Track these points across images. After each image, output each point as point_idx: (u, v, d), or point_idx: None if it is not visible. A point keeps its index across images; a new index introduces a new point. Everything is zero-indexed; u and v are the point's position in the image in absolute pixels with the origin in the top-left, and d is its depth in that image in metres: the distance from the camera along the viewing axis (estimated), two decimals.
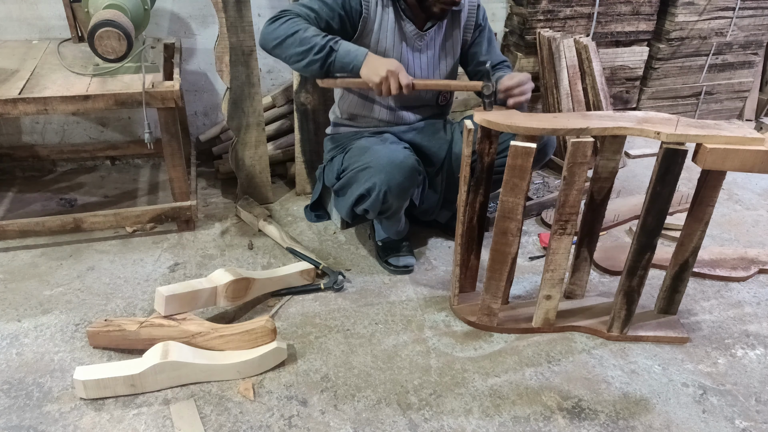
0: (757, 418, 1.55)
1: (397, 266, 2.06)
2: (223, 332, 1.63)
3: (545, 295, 1.76)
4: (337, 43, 1.70)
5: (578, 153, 1.51)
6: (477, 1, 1.99)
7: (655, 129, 1.49)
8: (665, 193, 1.54)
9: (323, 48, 1.68)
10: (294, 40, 1.69)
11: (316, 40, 1.68)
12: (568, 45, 2.73)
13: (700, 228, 1.64)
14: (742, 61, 3.32)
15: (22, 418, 1.47)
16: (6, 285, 1.94)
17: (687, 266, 1.72)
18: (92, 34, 1.82)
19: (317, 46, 1.67)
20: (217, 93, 2.73)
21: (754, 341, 1.82)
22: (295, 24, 1.70)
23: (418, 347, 1.75)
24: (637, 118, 1.57)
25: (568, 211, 1.60)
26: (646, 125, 1.52)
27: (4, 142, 2.58)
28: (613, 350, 1.76)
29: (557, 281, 1.72)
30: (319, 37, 1.68)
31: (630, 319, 1.76)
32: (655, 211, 1.58)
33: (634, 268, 1.67)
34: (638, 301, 1.74)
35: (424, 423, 1.50)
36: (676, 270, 1.74)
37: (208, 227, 2.31)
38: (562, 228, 1.63)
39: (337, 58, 1.69)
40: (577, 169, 1.54)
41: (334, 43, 1.69)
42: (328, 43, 1.68)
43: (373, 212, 1.89)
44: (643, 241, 1.63)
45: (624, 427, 1.51)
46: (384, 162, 1.78)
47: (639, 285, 1.69)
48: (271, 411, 1.52)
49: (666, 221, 2.27)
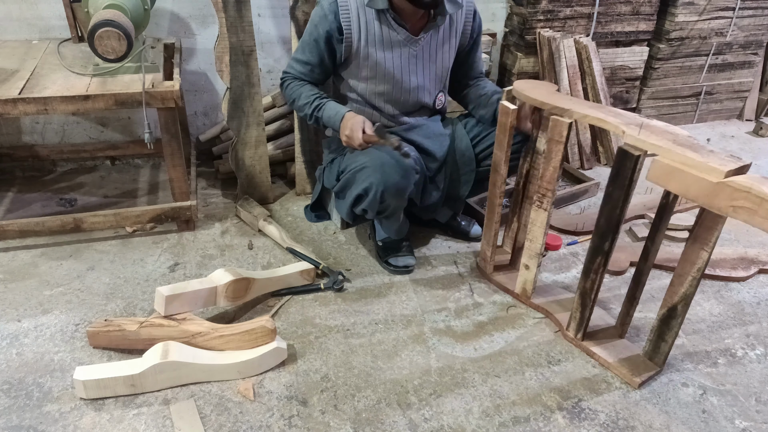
0: (757, 418, 1.55)
1: (397, 266, 2.07)
2: (223, 332, 1.63)
3: (524, 264, 1.88)
4: (321, 110, 1.93)
5: (555, 131, 1.62)
6: (473, 7, 1.99)
7: (623, 128, 1.45)
8: (616, 196, 1.50)
9: (312, 116, 1.96)
10: (295, 107, 2.02)
11: (306, 110, 1.96)
12: (568, 45, 2.73)
13: (692, 273, 1.46)
14: (742, 61, 3.32)
15: (22, 418, 1.47)
16: (6, 285, 1.94)
17: (675, 314, 1.54)
18: (92, 34, 1.82)
19: (308, 115, 1.96)
20: (217, 93, 2.73)
21: (754, 341, 1.82)
22: (292, 91, 1.99)
23: (418, 347, 1.75)
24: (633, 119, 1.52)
25: (545, 186, 1.71)
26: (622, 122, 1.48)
27: (4, 142, 2.58)
28: None
29: (534, 253, 1.82)
30: (308, 106, 1.95)
31: (584, 323, 1.71)
32: (606, 213, 1.55)
33: (587, 270, 1.65)
34: (592, 308, 1.68)
35: (424, 423, 1.50)
36: (664, 313, 1.57)
37: (208, 227, 2.31)
38: (540, 201, 1.74)
39: (323, 120, 1.94)
40: (553, 146, 1.64)
41: (318, 110, 1.93)
42: (314, 113, 1.94)
43: (372, 212, 1.89)
44: (596, 242, 1.60)
45: (624, 427, 1.51)
46: (380, 162, 1.79)
47: (592, 288, 1.65)
48: (271, 411, 1.52)
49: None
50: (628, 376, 1.64)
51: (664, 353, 1.64)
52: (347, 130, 1.85)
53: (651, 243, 1.59)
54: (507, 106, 1.73)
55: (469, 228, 2.26)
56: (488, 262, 2.02)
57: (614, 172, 1.49)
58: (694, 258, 1.45)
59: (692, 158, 1.31)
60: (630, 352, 1.71)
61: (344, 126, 1.87)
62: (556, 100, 1.64)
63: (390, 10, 1.84)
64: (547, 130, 1.68)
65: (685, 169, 1.33)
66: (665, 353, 1.64)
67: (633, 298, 1.68)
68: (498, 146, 1.82)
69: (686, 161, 1.33)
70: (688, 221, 2.34)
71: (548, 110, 1.64)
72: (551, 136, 1.64)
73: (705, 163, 1.29)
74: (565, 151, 1.64)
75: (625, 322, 1.75)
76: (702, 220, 1.40)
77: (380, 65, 1.91)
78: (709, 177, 1.29)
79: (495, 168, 1.86)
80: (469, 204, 2.39)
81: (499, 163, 1.83)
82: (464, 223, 2.27)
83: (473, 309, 1.92)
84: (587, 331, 1.75)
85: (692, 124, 3.45)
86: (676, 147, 1.36)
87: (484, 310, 1.92)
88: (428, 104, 2.06)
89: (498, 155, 1.83)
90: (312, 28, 1.89)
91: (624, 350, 1.72)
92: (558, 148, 1.63)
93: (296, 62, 1.97)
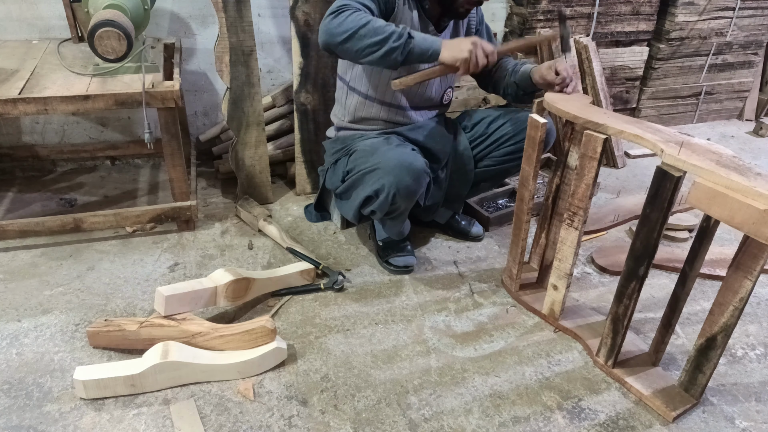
0: (757, 418, 1.55)
1: (398, 266, 2.07)
2: (223, 332, 1.63)
3: (552, 284, 1.79)
4: (411, 32, 1.68)
5: (589, 146, 1.53)
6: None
7: (662, 146, 1.38)
8: (654, 218, 1.41)
9: (401, 36, 1.65)
10: (367, 31, 1.65)
11: (392, 28, 1.65)
12: None
13: (734, 303, 1.36)
14: (742, 61, 3.32)
15: (22, 418, 1.47)
16: (6, 285, 1.94)
17: (714, 344, 1.43)
18: (92, 34, 1.82)
19: (395, 34, 1.64)
20: (217, 93, 2.73)
21: (754, 341, 1.82)
22: (363, 16, 1.67)
23: (418, 347, 1.75)
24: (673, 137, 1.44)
25: (577, 204, 1.62)
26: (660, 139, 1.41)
27: (4, 142, 2.58)
28: None
29: (564, 274, 1.73)
30: (392, 26, 1.66)
31: (615, 351, 1.62)
32: (643, 236, 1.45)
33: (621, 295, 1.56)
34: (625, 335, 1.60)
35: (424, 423, 1.50)
36: (702, 343, 1.46)
37: (208, 227, 2.31)
38: (570, 219, 1.65)
39: (415, 44, 1.66)
40: (587, 162, 1.55)
41: (409, 31, 1.67)
42: (405, 30, 1.66)
43: (381, 213, 1.89)
44: (630, 266, 1.51)
45: (624, 427, 1.51)
46: (393, 164, 1.78)
47: (625, 314, 1.56)
48: (271, 411, 1.52)
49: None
50: (662, 408, 1.53)
51: (701, 385, 1.52)
52: (468, 43, 1.64)
53: (689, 269, 1.49)
54: (537, 119, 1.66)
55: (469, 228, 2.26)
56: (514, 280, 1.94)
57: (652, 193, 1.39)
58: (737, 287, 1.34)
59: (737, 182, 1.22)
60: (664, 383, 1.60)
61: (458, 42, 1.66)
62: (591, 114, 1.56)
63: (426, 1, 1.86)
64: (579, 144, 1.59)
65: (730, 193, 1.23)
66: (702, 385, 1.52)
67: (668, 325, 1.59)
68: (527, 161, 1.74)
69: (731, 185, 1.23)
70: (688, 221, 2.34)
71: (581, 124, 1.55)
72: (584, 152, 1.54)
73: (752, 188, 1.20)
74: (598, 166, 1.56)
75: (659, 349, 1.65)
76: (747, 247, 1.30)
77: None
78: (756, 204, 1.19)
79: (523, 183, 1.78)
80: (469, 204, 2.40)
81: (528, 177, 1.75)
82: (464, 223, 2.27)
83: (473, 309, 1.92)
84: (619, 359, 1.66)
85: (692, 124, 3.45)
86: (720, 169, 1.27)
87: (484, 310, 1.92)
88: (437, 100, 2.07)
89: (526, 170, 1.76)
90: None
91: (658, 380, 1.61)
92: (591, 165, 1.54)
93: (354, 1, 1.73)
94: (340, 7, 1.70)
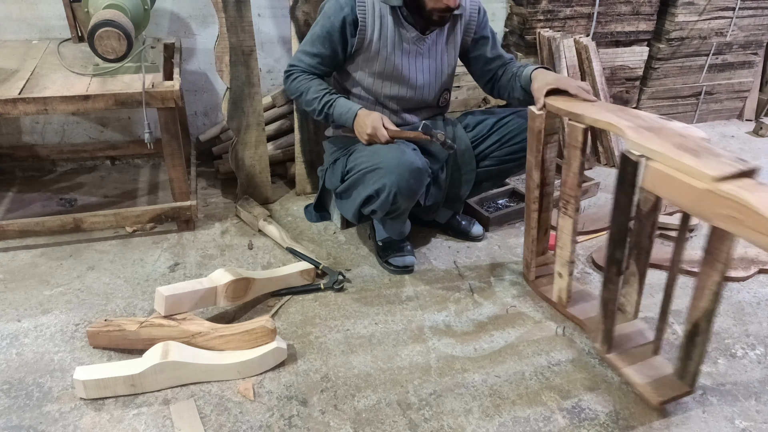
0: (757, 418, 1.55)
1: (398, 266, 2.06)
2: (223, 332, 1.63)
3: (557, 272, 1.83)
4: (332, 107, 1.89)
5: (571, 136, 1.62)
6: (478, 4, 1.99)
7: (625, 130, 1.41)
8: (623, 202, 1.46)
9: (321, 112, 1.91)
10: (302, 101, 1.95)
11: (315, 105, 1.91)
12: (568, 45, 2.73)
13: (710, 287, 1.37)
14: (742, 61, 3.32)
15: (22, 418, 1.47)
16: (6, 285, 1.94)
17: (699, 330, 1.44)
18: (92, 34, 1.82)
19: (317, 111, 1.92)
20: (217, 93, 2.73)
21: (754, 341, 1.82)
22: (300, 84, 1.93)
23: (418, 347, 1.75)
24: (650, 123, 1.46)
25: (568, 192, 1.70)
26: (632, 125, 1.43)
27: (4, 142, 2.58)
28: None
29: (565, 261, 1.78)
30: (317, 101, 1.90)
31: (609, 336, 1.64)
32: (617, 220, 1.49)
33: (607, 280, 1.59)
34: (614, 320, 1.62)
35: (424, 423, 1.50)
36: (689, 329, 1.48)
37: (208, 227, 2.31)
38: (564, 208, 1.73)
39: (335, 117, 1.90)
40: (571, 152, 1.63)
41: (329, 107, 1.89)
42: (324, 109, 1.90)
43: (381, 212, 1.90)
44: (611, 251, 1.55)
45: (624, 427, 1.51)
46: (394, 164, 1.79)
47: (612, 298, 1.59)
48: (271, 411, 1.52)
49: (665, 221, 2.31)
50: (650, 393, 1.53)
51: (692, 372, 1.51)
52: (368, 128, 1.82)
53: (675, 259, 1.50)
54: (534, 111, 1.74)
55: (469, 228, 2.26)
56: (530, 269, 1.99)
57: (619, 177, 1.45)
58: (710, 271, 1.36)
59: (685, 163, 1.23)
60: (661, 371, 1.59)
61: (363, 123, 1.84)
62: (572, 105, 1.64)
63: (403, 7, 1.86)
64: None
65: (676, 174, 1.24)
66: (693, 372, 1.51)
67: (664, 313, 1.60)
68: (530, 151, 1.81)
69: (679, 166, 1.24)
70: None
71: (563, 116, 1.66)
72: (569, 141, 1.64)
73: (695, 168, 1.20)
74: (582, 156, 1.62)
75: (658, 337, 1.65)
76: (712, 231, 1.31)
77: (389, 61, 1.91)
78: (696, 183, 1.19)
79: (529, 174, 1.85)
80: (469, 204, 2.39)
81: (531, 168, 1.82)
82: (464, 223, 2.27)
83: (473, 309, 1.92)
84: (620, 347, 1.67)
85: (692, 124, 3.45)
86: (674, 151, 1.28)
87: (484, 310, 1.92)
88: (432, 103, 2.07)
89: (530, 161, 1.82)
90: (325, 20, 1.87)
91: (656, 368, 1.60)
92: (576, 154, 1.62)
93: (305, 55, 1.93)
94: (288, 70, 1.97)
